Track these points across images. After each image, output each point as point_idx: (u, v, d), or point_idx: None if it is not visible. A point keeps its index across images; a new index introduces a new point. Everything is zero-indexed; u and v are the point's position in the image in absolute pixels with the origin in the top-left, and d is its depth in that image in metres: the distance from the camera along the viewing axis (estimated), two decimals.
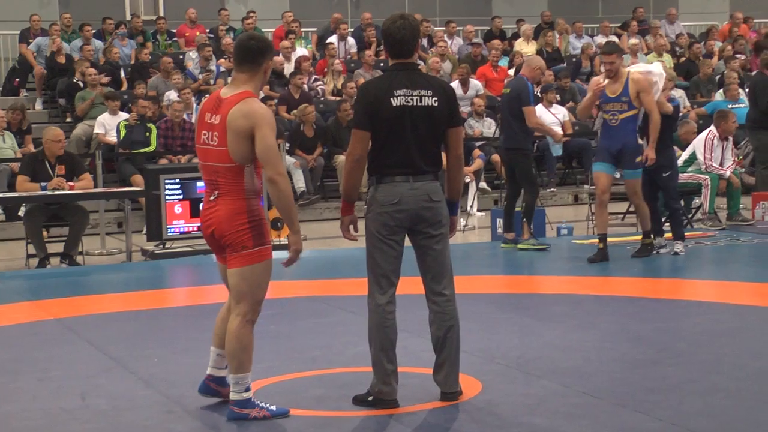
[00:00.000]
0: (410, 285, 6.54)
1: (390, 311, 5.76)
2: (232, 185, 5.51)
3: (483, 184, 16.11)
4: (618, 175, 11.26)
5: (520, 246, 11.59)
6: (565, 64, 20.62)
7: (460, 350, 5.88)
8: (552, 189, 17.03)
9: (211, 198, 5.58)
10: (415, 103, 5.71)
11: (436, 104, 5.74)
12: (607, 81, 10.54)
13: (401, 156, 5.72)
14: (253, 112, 5.43)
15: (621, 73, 10.49)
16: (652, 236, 10.92)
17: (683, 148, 13.75)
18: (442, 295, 5.84)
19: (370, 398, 5.80)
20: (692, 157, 13.44)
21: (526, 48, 20.73)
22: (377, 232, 5.74)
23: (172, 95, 16.55)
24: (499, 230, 12.20)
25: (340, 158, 15.54)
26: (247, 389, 5.58)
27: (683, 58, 21.30)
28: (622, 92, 10.45)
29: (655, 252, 11.01)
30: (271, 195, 5.47)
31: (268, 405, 5.65)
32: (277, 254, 5.70)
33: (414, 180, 5.74)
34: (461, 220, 13.94)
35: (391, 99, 5.68)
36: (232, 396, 5.59)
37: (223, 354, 5.75)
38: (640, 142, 10.78)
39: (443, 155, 5.91)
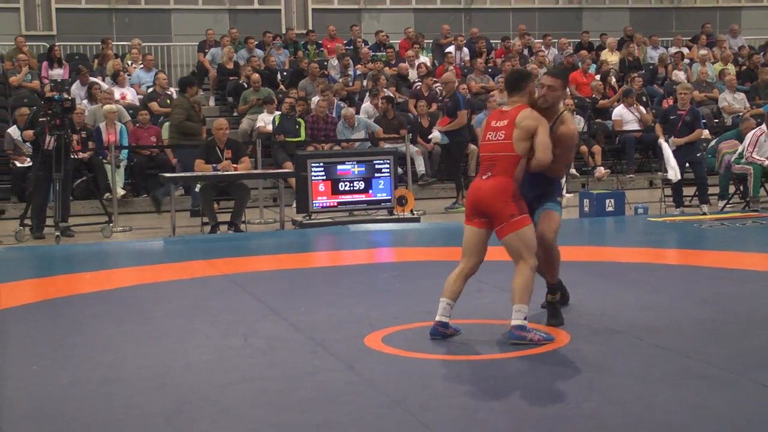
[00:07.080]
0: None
1: None
2: (505, 171, 5.87)
3: (572, 170, 15.89)
4: None
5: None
6: (643, 71, 20.15)
7: None
8: (631, 175, 16.76)
9: (484, 177, 5.93)
10: None
11: None
12: None
13: None
14: (537, 117, 5.93)
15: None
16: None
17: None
18: None
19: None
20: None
21: (610, 57, 20.34)
22: None
23: (316, 98, 16.55)
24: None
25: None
26: (525, 318, 5.81)
27: (744, 67, 20.67)
28: None
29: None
30: (539, 167, 5.93)
31: (540, 331, 5.89)
32: (397, 226, 5.71)
33: None
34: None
35: None
36: (513, 321, 5.80)
37: (452, 304, 6.00)
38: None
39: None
